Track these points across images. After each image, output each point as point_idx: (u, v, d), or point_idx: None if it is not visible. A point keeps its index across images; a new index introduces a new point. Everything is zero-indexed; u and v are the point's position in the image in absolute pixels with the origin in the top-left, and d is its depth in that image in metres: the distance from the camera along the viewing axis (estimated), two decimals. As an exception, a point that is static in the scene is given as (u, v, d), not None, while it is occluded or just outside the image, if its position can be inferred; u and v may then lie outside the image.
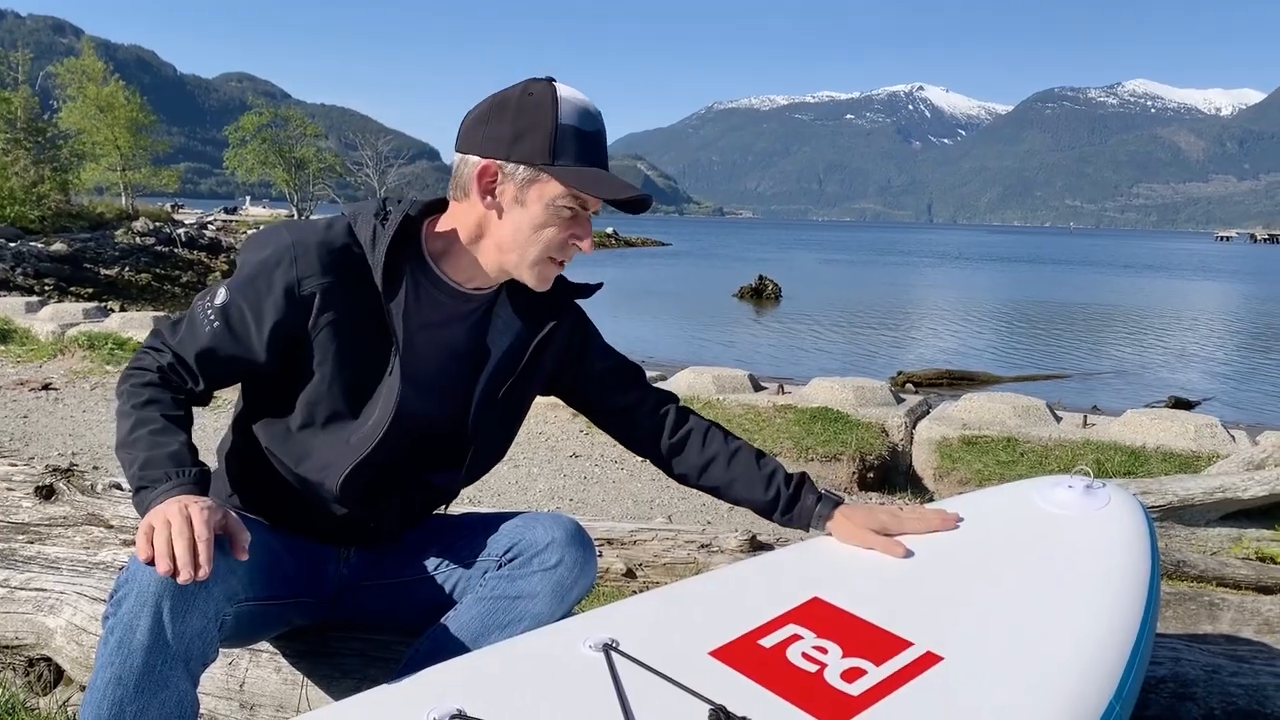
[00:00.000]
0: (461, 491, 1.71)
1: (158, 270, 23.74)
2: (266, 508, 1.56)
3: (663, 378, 7.05)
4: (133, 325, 8.96)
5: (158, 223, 28.02)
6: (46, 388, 6.99)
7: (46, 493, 2.46)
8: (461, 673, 1.26)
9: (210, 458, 1.60)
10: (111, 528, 2.34)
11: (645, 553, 2.66)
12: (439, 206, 1.50)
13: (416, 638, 1.52)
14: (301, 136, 45.27)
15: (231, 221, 35.03)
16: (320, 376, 1.43)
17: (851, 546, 1.58)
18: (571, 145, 1.37)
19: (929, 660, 1.22)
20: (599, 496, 4.93)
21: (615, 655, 1.25)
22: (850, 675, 1.19)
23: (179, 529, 1.16)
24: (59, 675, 2.02)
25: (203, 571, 1.15)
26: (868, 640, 1.27)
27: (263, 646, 1.71)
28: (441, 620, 1.50)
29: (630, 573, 2.63)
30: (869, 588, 1.44)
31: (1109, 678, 1.19)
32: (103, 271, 22.22)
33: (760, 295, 25.01)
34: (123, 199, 33.64)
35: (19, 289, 17.31)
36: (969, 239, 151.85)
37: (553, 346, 1.60)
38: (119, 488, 2.54)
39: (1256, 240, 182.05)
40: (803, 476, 1.68)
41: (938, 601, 1.39)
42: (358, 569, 1.61)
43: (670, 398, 1.74)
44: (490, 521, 1.59)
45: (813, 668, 1.21)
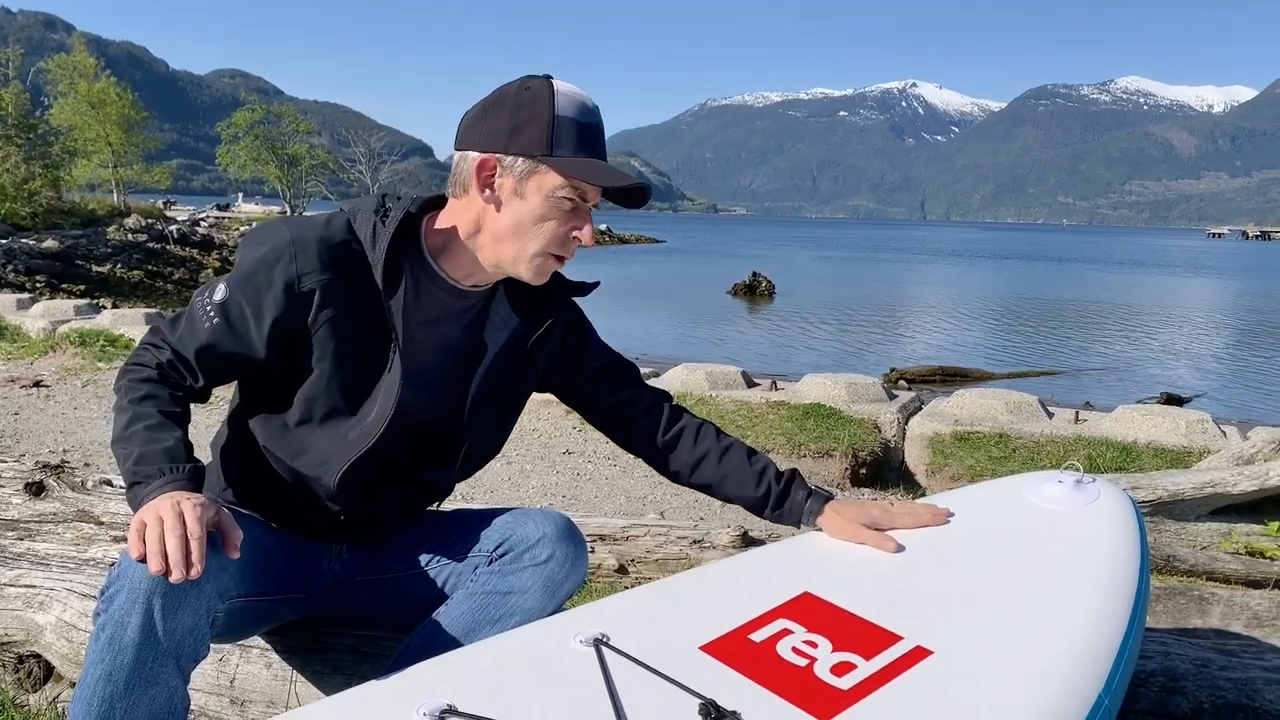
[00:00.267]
0: (455, 488, 1.71)
1: (150, 267, 23.69)
2: (260, 503, 1.56)
3: (656, 374, 7.06)
4: (124, 322, 8.93)
5: (150, 219, 27.93)
6: (38, 385, 6.96)
7: (36, 489, 2.46)
8: (452, 668, 1.26)
9: (204, 453, 1.60)
10: (102, 524, 2.33)
11: (637, 549, 2.66)
12: (438, 203, 1.50)
13: (408, 633, 1.52)
14: (294, 133, 45.11)
15: (224, 218, 34.87)
16: (319, 373, 1.43)
17: (842, 542, 1.59)
18: (569, 136, 1.37)
19: (919, 654, 1.23)
20: (592, 493, 4.93)
21: (606, 650, 1.25)
22: (840, 669, 1.20)
23: (171, 526, 1.15)
24: (49, 672, 2.02)
25: (195, 571, 1.14)
26: (858, 634, 1.28)
27: (254, 642, 1.71)
28: (432, 616, 1.50)
29: (622, 569, 2.63)
30: (859, 582, 1.44)
31: (1098, 671, 1.19)
32: (94, 268, 22.16)
33: (754, 292, 25.00)
34: (114, 196, 33.50)
35: (10, 286, 17.28)
36: (962, 236, 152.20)
37: (548, 344, 1.60)
38: (109, 484, 2.53)
39: (1248, 237, 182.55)
40: (794, 473, 1.69)
41: (928, 596, 1.39)
42: (350, 565, 1.61)
43: (664, 396, 1.74)
44: (482, 517, 1.59)
45: (803, 662, 1.22)
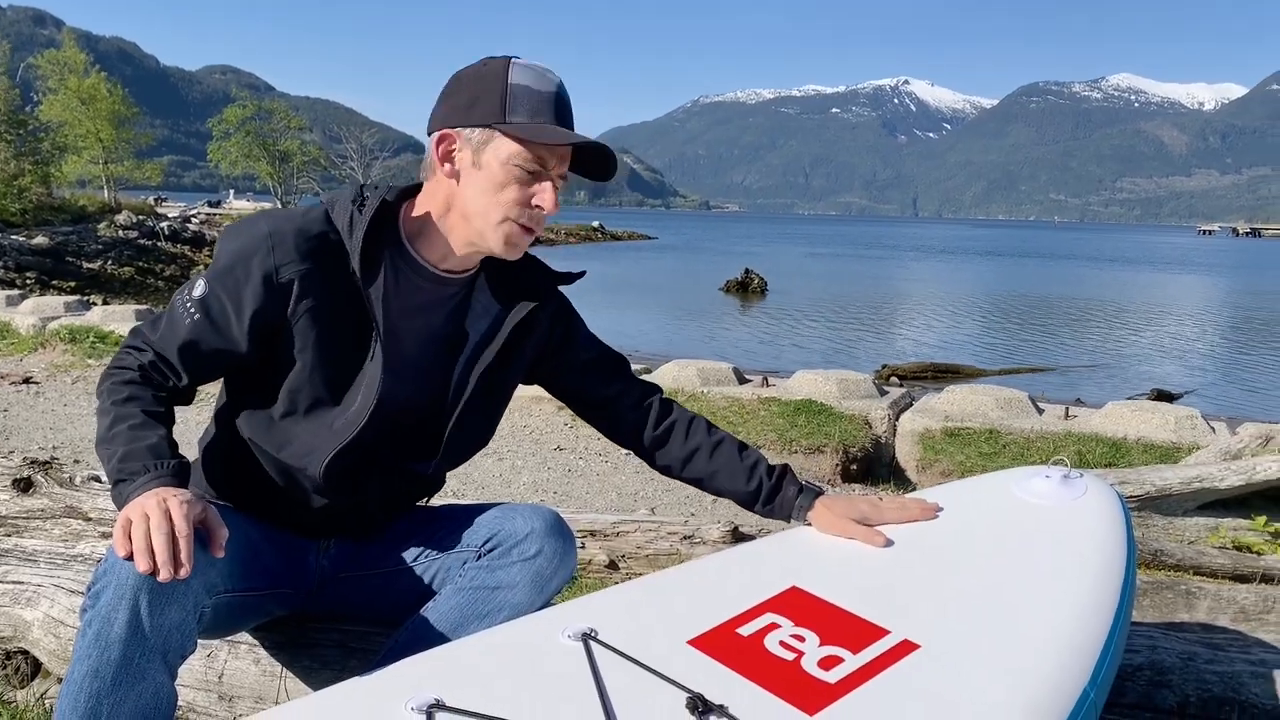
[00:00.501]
0: (445, 484, 1.71)
1: (141, 264, 23.60)
2: (247, 499, 1.55)
3: (648, 371, 7.05)
4: (115, 319, 8.90)
5: (141, 216, 27.85)
6: (27, 381, 6.94)
7: (24, 485, 2.45)
8: (440, 662, 1.26)
9: (192, 451, 1.59)
10: (90, 520, 2.32)
11: (628, 544, 2.66)
12: (415, 192, 1.50)
13: (396, 629, 1.52)
14: (286, 129, 45.04)
15: (215, 215, 34.78)
16: (302, 364, 1.42)
17: (831, 537, 1.59)
18: (524, 104, 1.37)
19: (905, 648, 1.23)
20: (583, 489, 4.92)
21: (594, 644, 1.26)
22: (827, 663, 1.20)
23: (157, 523, 1.15)
24: (36, 668, 2.01)
25: (184, 570, 1.14)
26: (845, 628, 1.28)
27: (241, 638, 1.71)
28: (421, 611, 1.50)
29: (613, 564, 2.63)
30: (847, 577, 1.44)
31: (1083, 665, 1.20)
32: (85, 265, 22.07)
33: (746, 289, 25.00)
34: (105, 192, 33.39)
35: (0, 283, 17.19)
36: (954, 233, 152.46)
37: (535, 333, 1.60)
38: (98, 480, 2.52)
39: (1238, 234, 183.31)
40: (784, 468, 1.69)
41: (915, 590, 1.40)
42: (337, 560, 1.61)
43: (654, 389, 1.74)
44: (470, 512, 1.59)
45: (790, 656, 1.22)
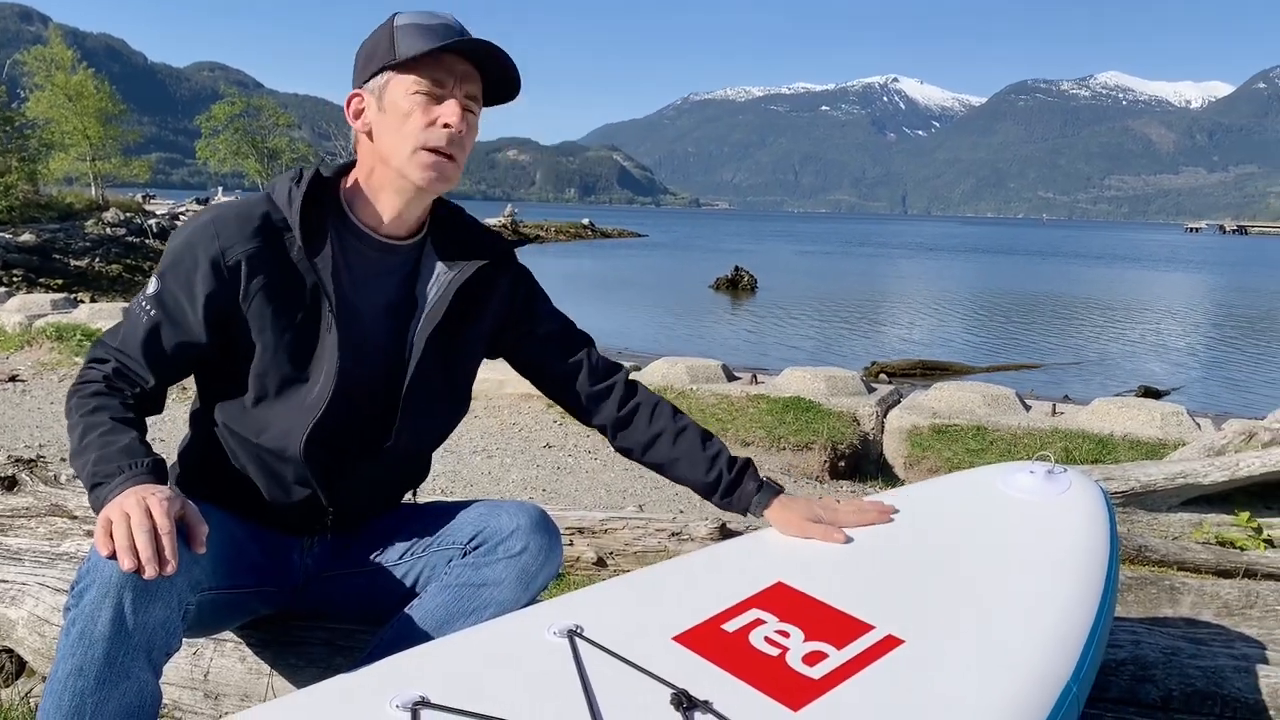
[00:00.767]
0: (431, 481, 1.71)
1: (128, 261, 23.49)
2: (229, 498, 1.54)
3: (637, 368, 7.06)
4: (102, 316, 8.85)
5: (128, 213, 27.68)
6: (13, 379, 6.90)
7: (9, 484, 2.44)
8: (425, 660, 1.26)
9: (172, 457, 1.59)
10: (75, 519, 2.32)
11: (616, 541, 2.67)
12: (353, 166, 1.53)
13: (382, 626, 1.51)
14: (274, 126, 44.85)
15: (203, 212, 34.61)
16: (263, 346, 1.44)
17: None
18: (410, 41, 1.40)
19: (890, 643, 1.24)
20: (572, 486, 4.92)
21: (579, 641, 1.26)
22: (812, 658, 1.20)
23: (139, 521, 1.15)
24: (21, 667, 2.00)
25: (170, 567, 1.14)
26: (829, 624, 1.28)
27: (227, 636, 1.70)
28: (406, 608, 1.50)
29: (601, 561, 2.64)
30: (832, 573, 1.45)
31: (1066, 659, 1.21)
32: (72, 262, 21.95)
33: (736, 286, 25.01)
34: (93, 189, 33.18)
35: (-14, 280, 17.10)
36: (943, 230, 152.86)
37: (493, 299, 1.61)
38: (83, 479, 2.52)
39: (1225, 231, 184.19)
40: (746, 462, 1.69)
41: (899, 585, 1.40)
42: (322, 557, 1.61)
43: (619, 369, 1.73)
44: (455, 509, 1.58)
45: (775, 651, 1.22)
